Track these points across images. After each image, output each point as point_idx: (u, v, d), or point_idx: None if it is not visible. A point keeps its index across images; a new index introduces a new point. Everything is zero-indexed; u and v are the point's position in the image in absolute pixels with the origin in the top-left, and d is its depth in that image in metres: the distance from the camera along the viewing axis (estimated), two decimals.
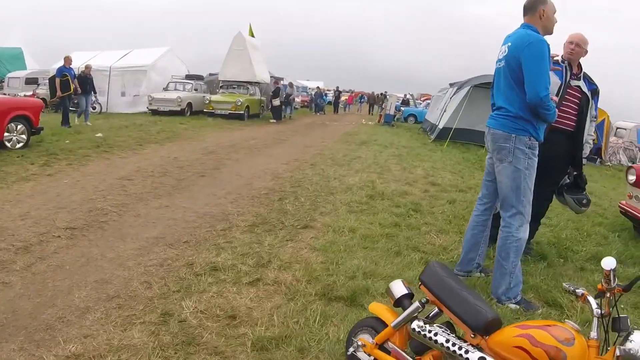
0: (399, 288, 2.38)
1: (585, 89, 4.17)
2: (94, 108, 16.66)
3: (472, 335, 2.00)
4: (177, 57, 22.80)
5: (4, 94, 16.71)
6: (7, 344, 2.56)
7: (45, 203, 5.29)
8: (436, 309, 2.23)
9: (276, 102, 20.86)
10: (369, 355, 2.33)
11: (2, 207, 5.05)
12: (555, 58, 3.86)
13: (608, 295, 1.85)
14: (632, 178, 5.61)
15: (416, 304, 2.23)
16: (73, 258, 3.81)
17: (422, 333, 2.10)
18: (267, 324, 2.89)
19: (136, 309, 3.00)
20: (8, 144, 8.47)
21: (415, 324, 2.15)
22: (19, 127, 8.67)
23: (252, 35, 22.09)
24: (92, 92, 14.58)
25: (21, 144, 8.70)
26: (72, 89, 13.02)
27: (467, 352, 1.94)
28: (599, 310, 1.84)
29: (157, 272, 3.61)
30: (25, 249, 3.91)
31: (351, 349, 2.42)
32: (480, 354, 1.91)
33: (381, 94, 30.39)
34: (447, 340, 2.02)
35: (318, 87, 34.24)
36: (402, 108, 28.50)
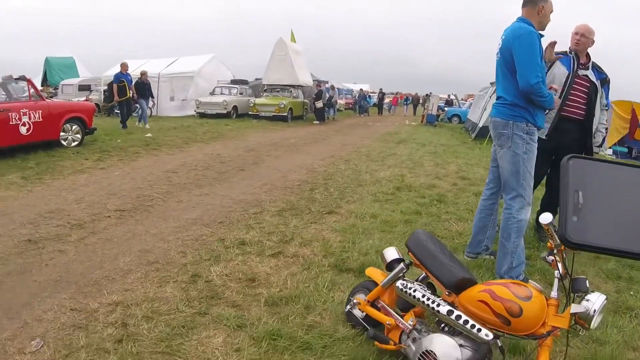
0: (390, 254, 2.72)
1: (593, 78, 4.32)
2: None
3: (447, 293, 2.27)
4: (223, 64, 23.68)
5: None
6: (60, 294, 3.10)
7: (98, 191, 5.93)
8: (424, 273, 2.55)
9: (319, 104, 21.32)
10: (362, 311, 2.68)
11: (60, 194, 5.72)
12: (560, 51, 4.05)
13: (555, 252, 2.01)
14: None
15: (401, 265, 2.55)
16: (121, 233, 4.36)
17: (404, 290, 2.41)
18: (282, 287, 3.30)
19: (171, 272, 3.49)
20: (64, 143, 9.36)
21: (399, 283, 2.47)
22: (73, 127, 9.56)
23: (294, 41, 22.72)
24: (150, 97, 15.28)
25: (76, 143, 9.59)
26: (128, 94, 13.73)
27: (438, 305, 2.22)
28: (558, 272, 2.02)
29: (193, 245, 4.10)
30: (80, 226, 4.49)
31: (348, 307, 2.80)
32: (449, 307, 2.18)
33: (426, 95, 30.34)
34: (423, 296, 2.31)
35: (361, 89, 34.52)
36: (446, 108, 28.34)
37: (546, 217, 1.94)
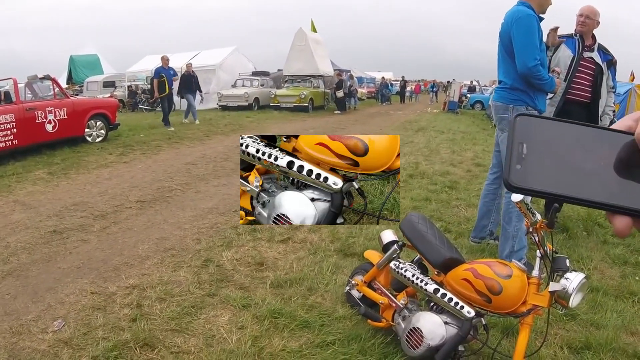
0: (387, 236, 2.83)
1: (599, 60, 4.31)
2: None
3: (436, 273, 2.39)
4: (244, 56, 23.84)
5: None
6: (82, 279, 3.35)
7: (121, 183, 6.22)
8: (419, 255, 2.67)
9: (340, 93, 21.34)
10: (359, 292, 2.83)
11: (84, 187, 6.03)
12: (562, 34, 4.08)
13: (531, 230, 2.06)
14: None
15: (394, 246, 2.67)
16: (140, 223, 4.60)
17: (397, 270, 2.54)
18: (288, 270, 3.48)
19: (185, 257, 3.71)
20: (89, 139, 9.66)
21: (392, 264, 2.59)
22: (97, 123, 9.87)
23: (315, 31, 22.75)
24: (198, 91, 14.27)
25: (100, 138, 9.90)
26: (167, 89, 12.68)
27: (426, 284, 2.35)
28: (540, 251, 2.06)
29: (207, 232, 4.32)
30: (102, 217, 4.76)
31: (347, 288, 2.95)
32: (436, 286, 2.30)
33: (447, 81, 30.02)
34: (413, 275, 2.44)
35: (383, 78, 34.31)
36: (469, 95, 27.98)
37: (517, 196, 1.98)
